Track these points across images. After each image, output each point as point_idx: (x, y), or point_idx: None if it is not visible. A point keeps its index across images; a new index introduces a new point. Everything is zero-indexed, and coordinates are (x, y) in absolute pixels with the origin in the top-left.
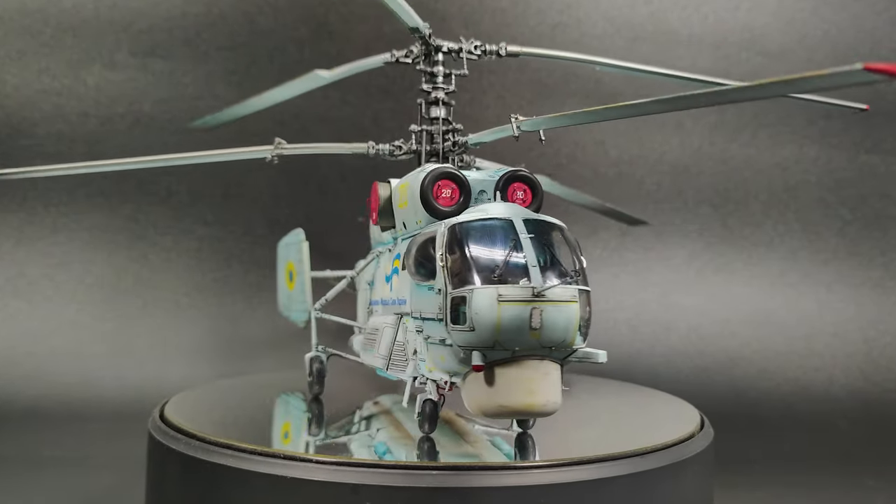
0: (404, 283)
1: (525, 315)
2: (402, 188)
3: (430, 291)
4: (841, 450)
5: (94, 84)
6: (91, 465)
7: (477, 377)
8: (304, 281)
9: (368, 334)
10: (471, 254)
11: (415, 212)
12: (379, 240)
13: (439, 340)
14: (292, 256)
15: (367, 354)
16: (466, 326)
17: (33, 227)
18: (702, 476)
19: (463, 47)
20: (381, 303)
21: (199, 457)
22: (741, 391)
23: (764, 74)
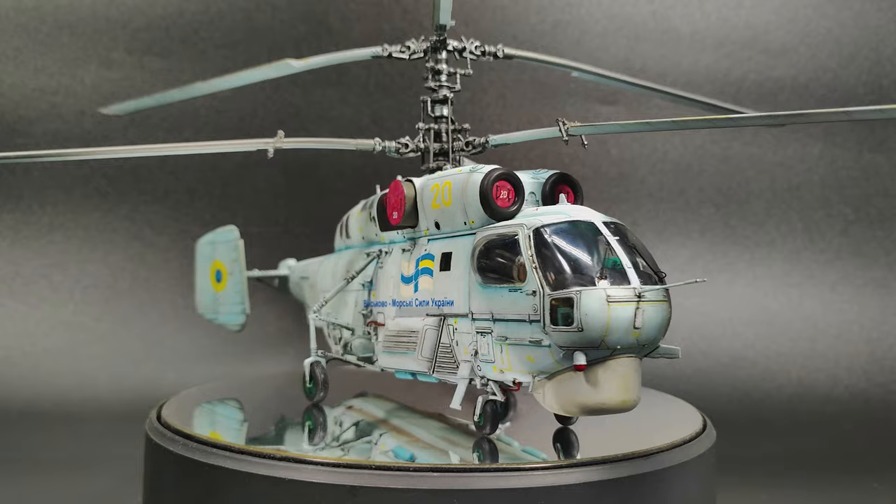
0: (449, 283)
1: (630, 315)
2: (437, 187)
3: (515, 293)
4: (844, 451)
5: (90, 82)
6: (87, 466)
7: (574, 376)
8: (241, 281)
9: (393, 337)
10: (568, 256)
11: (464, 212)
12: (369, 239)
13: (530, 341)
14: (222, 255)
15: (391, 357)
16: (573, 327)
17: (29, 227)
18: (704, 478)
19: (466, 46)
20: (395, 304)
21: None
22: (744, 392)
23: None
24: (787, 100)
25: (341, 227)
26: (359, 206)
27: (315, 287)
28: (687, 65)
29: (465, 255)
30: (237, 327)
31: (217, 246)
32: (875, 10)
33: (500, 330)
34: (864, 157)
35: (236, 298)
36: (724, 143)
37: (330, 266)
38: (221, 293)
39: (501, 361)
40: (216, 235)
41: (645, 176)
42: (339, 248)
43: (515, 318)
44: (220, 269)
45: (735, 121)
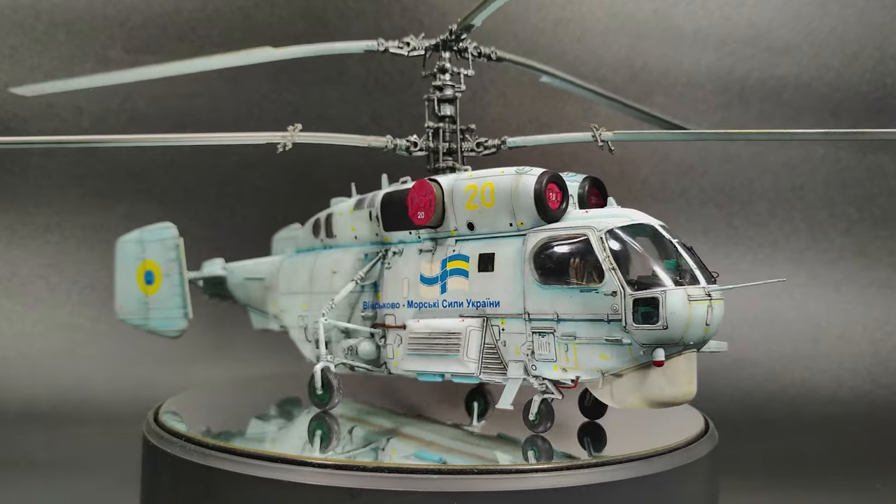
0: (493, 284)
1: (705, 313)
2: (474, 188)
3: (589, 293)
4: (848, 453)
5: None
6: (85, 468)
7: (647, 372)
8: (181, 283)
9: (423, 339)
10: (643, 257)
11: (512, 213)
12: (366, 239)
13: (606, 339)
14: (155, 255)
15: (420, 360)
16: (658, 325)
17: (25, 227)
18: (706, 480)
19: (467, 47)
20: (413, 306)
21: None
22: (746, 393)
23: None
24: (791, 98)
25: (316, 226)
26: (347, 204)
27: (276, 289)
28: (689, 63)
29: (516, 256)
30: (175, 333)
31: (147, 245)
32: (879, 8)
33: (566, 329)
34: (868, 156)
35: (175, 302)
36: (726, 143)
37: (306, 266)
38: (153, 297)
39: (566, 360)
40: (145, 233)
41: (647, 176)
42: (314, 247)
43: (588, 317)
44: (153, 269)
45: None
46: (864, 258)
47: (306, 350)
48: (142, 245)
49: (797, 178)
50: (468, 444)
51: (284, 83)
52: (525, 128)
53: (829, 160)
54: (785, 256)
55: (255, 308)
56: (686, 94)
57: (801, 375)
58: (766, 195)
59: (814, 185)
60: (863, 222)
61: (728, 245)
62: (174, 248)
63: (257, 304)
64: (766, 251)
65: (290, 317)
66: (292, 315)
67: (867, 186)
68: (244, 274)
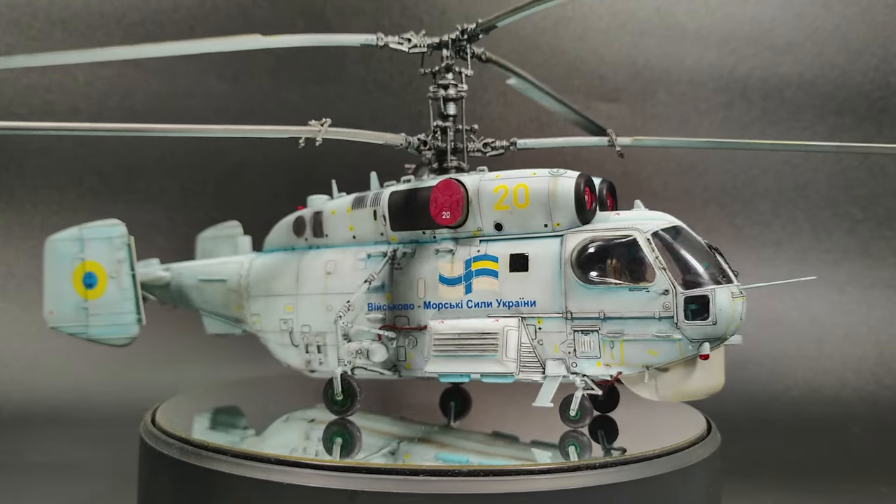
0: (528, 284)
1: (742, 309)
2: (505, 188)
3: (638, 292)
4: (852, 455)
5: (84, 79)
6: (81, 471)
7: (689, 365)
8: (133, 286)
9: (453, 340)
10: (689, 258)
11: (548, 215)
12: (367, 239)
13: (655, 336)
14: (97, 255)
15: (449, 361)
16: (709, 321)
17: (22, 227)
18: (709, 482)
19: (466, 46)
20: (431, 307)
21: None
22: (749, 395)
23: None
24: (793, 96)
25: (299, 225)
26: (341, 202)
27: (245, 291)
28: (691, 61)
29: (553, 256)
30: (124, 341)
31: (88, 244)
32: (882, 6)
33: (612, 327)
34: (872, 155)
35: (125, 307)
36: None
37: (288, 267)
38: (95, 302)
39: (610, 357)
40: (86, 231)
41: (649, 175)
42: (296, 247)
43: (638, 315)
44: (95, 271)
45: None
46: (868, 258)
47: (290, 355)
48: (80, 244)
49: (800, 178)
50: (492, 446)
51: (283, 82)
52: (525, 127)
53: (832, 159)
54: (788, 256)
55: (212, 312)
56: (688, 93)
57: (804, 376)
58: (768, 194)
59: (817, 185)
60: (866, 222)
61: (731, 245)
62: (123, 248)
63: (215, 308)
64: (769, 251)
65: (266, 320)
66: (270, 319)
67: (870, 186)
68: (197, 275)
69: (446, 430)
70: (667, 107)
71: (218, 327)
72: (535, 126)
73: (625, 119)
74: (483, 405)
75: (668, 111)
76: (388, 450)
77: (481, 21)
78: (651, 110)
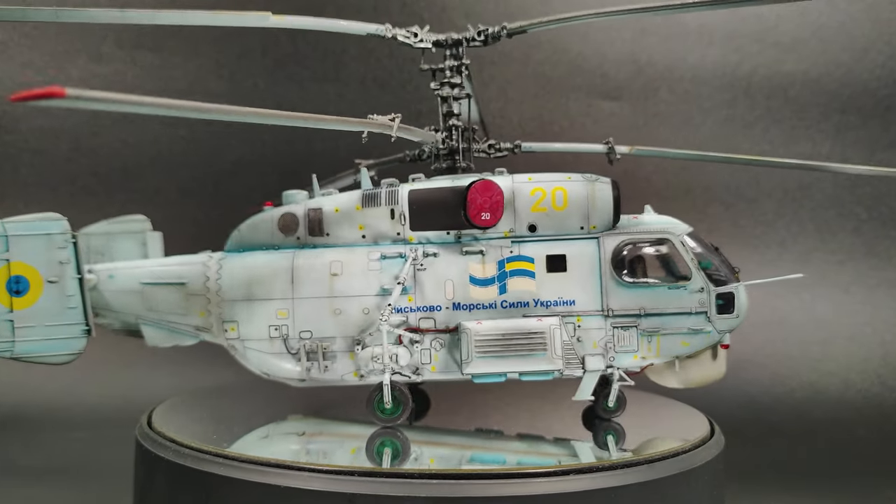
0: (567, 284)
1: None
2: (542, 191)
3: (677, 290)
4: (858, 458)
5: (79, 77)
6: (76, 474)
7: (706, 355)
8: (75, 291)
9: (498, 340)
10: (712, 258)
11: (585, 217)
12: (380, 238)
13: (689, 329)
14: (28, 255)
15: (495, 361)
16: (734, 314)
17: None
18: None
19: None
20: (462, 308)
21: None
22: (753, 397)
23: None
24: (798, 95)
25: (289, 223)
26: (347, 198)
27: (213, 296)
28: (694, 59)
29: (592, 257)
30: (65, 358)
31: (14, 242)
32: (888, 3)
33: (651, 322)
34: (877, 155)
35: (67, 317)
36: (732, 141)
37: (278, 268)
38: (25, 312)
39: (647, 350)
40: (10, 226)
41: (650, 174)
42: (282, 246)
43: (675, 311)
44: (25, 275)
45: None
46: (874, 258)
47: (279, 364)
48: (4, 242)
49: (804, 177)
50: (526, 444)
51: (281, 80)
52: (526, 125)
53: (836, 158)
54: (792, 256)
55: (159, 321)
56: (691, 91)
57: (808, 378)
58: (773, 194)
59: (821, 184)
60: (872, 222)
61: (734, 245)
62: (67, 247)
63: (164, 316)
64: (773, 251)
65: (248, 328)
66: (254, 325)
67: (876, 185)
68: (139, 278)
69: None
70: (669, 105)
71: (166, 339)
72: (536, 124)
73: (627, 117)
74: (443, 404)
75: (670, 109)
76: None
77: (510, 26)
78: (653, 108)
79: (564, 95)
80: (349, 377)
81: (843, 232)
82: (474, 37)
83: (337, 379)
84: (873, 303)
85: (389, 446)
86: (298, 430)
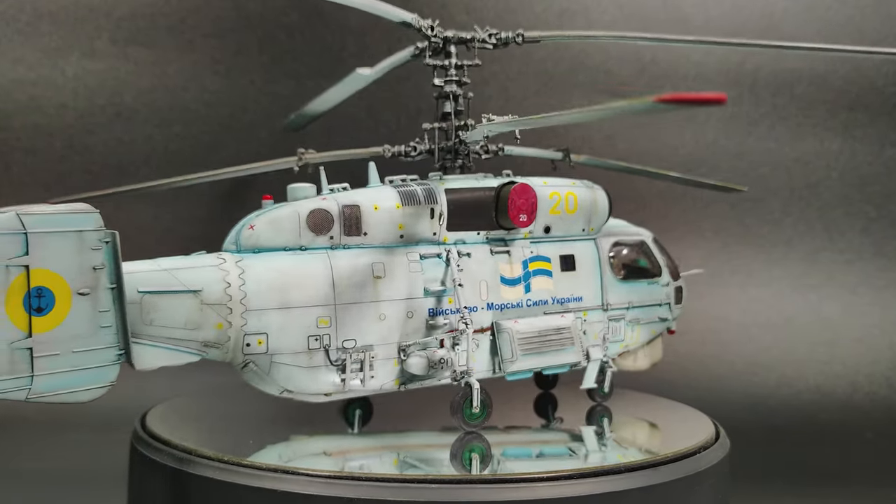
0: (577, 282)
1: None
2: (558, 195)
3: (653, 285)
4: (865, 462)
5: (72, 74)
6: (71, 477)
7: (657, 340)
8: (114, 304)
9: (535, 338)
10: (666, 256)
11: (587, 220)
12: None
13: (659, 318)
14: (55, 259)
15: (535, 358)
16: (682, 305)
17: None
18: (717, 490)
19: (476, 36)
20: (494, 308)
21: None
22: (759, 399)
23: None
24: (804, 92)
25: (320, 221)
26: (386, 196)
27: (242, 305)
28: (699, 55)
29: (592, 256)
30: (95, 393)
31: (35, 242)
32: None
33: (634, 314)
34: (886, 151)
35: (100, 339)
36: (738, 138)
37: (314, 271)
38: (49, 335)
39: (631, 339)
40: (30, 220)
41: None
42: (311, 247)
43: (651, 303)
44: (50, 285)
45: None
46: (882, 259)
47: (315, 378)
48: (21, 241)
49: (812, 175)
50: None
51: (278, 77)
52: None
53: (845, 155)
54: (799, 256)
55: (157, 337)
56: (695, 88)
57: (815, 380)
58: (779, 192)
59: (829, 182)
60: (881, 221)
61: (740, 244)
62: (101, 247)
63: (169, 332)
64: (779, 251)
65: (281, 340)
66: (290, 336)
67: (885, 183)
68: (137, 286)
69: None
70: None
71: (162, 357)
72: None
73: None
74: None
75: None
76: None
77: (527, 35)
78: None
79: (567, 93)
80: (389, 386)
81: (852, 231)
82: (485, 38)
83: (376, 389)
84: (881, 304)
85: (477, 451)
86: (319, 450)
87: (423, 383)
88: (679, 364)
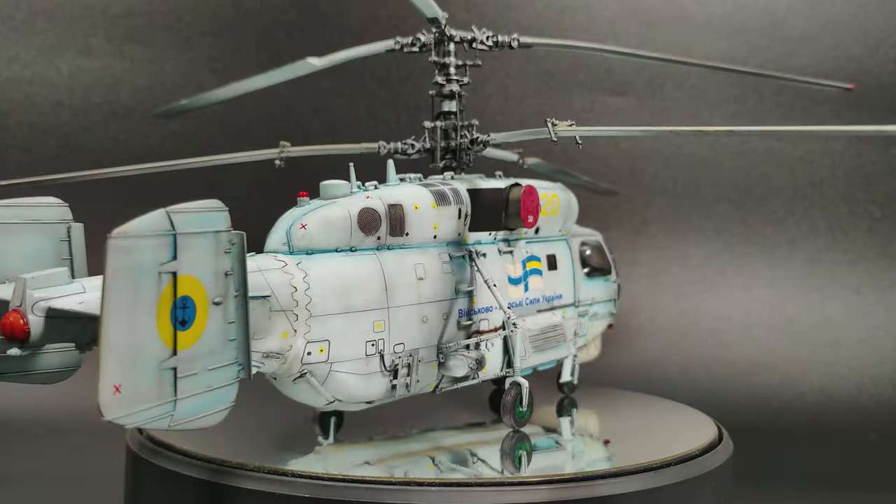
0: (559, 280)
1: None
2: (546, 197)
3: (608, 282)
4: (869, 463)
5: (67, 72)
6: (67, 480)
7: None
8: (240, 314)
9: (540, 335)
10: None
11: (564, 221)
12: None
13: (610, 313)
14: (197, 264)
15: (541, 354)
16: (619, 300)
17: None
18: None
19: (476, 37)
20: (509, 307)
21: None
22: (762, 401)
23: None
24: (808, 90)
25: (369, 220)
26: (423, 195)
27: (307, 310)
28: (702, 53)
29: (569, 255)
30: (218, 417)
31: (185, 243)
32: None
33: (595, 309)
34: (891, 151)
35: (227, 354)
36: (741, 137)
37: (370, 273)
38: (190, 352)
39: (591, 333)
40: (180, 218)
41: (657, 171)
42: (361, 248)
43: (606, 299)
44: (192, 294)
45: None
46: (887, 259)
47: (368, 386)
48: (169, 244)
49: (816, 174)
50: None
51: None
52: (528, 122)
53: (849, 155)
54: (803, 256)
55: None
56: (698, 86)
57: (819, 382)
58: (783, 192)
59: (833, 182)
60: (885, 221)
61: (743, 244)
62: (231, 250)
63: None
64: (783, 251)
65: (343, 347)
66: (350, 343)
67: (890, 183)
68: None
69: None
70: (676, 100)
71: None
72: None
73: (633, 113)
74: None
75: (677, 105)
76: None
77: (522, 40)
78: (660, 104)
79: (568, 91)
80: (427, 389)
81: (856, 231)
82: (483, 41)
83: (416, 393)
84: (886, 304)
85: (526, 450)
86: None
87: (457, 385)
88: (681, 365)
